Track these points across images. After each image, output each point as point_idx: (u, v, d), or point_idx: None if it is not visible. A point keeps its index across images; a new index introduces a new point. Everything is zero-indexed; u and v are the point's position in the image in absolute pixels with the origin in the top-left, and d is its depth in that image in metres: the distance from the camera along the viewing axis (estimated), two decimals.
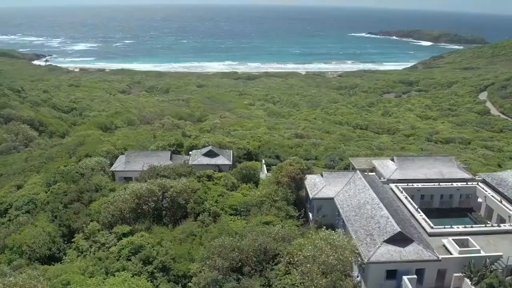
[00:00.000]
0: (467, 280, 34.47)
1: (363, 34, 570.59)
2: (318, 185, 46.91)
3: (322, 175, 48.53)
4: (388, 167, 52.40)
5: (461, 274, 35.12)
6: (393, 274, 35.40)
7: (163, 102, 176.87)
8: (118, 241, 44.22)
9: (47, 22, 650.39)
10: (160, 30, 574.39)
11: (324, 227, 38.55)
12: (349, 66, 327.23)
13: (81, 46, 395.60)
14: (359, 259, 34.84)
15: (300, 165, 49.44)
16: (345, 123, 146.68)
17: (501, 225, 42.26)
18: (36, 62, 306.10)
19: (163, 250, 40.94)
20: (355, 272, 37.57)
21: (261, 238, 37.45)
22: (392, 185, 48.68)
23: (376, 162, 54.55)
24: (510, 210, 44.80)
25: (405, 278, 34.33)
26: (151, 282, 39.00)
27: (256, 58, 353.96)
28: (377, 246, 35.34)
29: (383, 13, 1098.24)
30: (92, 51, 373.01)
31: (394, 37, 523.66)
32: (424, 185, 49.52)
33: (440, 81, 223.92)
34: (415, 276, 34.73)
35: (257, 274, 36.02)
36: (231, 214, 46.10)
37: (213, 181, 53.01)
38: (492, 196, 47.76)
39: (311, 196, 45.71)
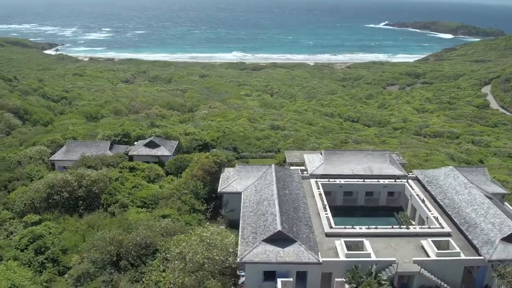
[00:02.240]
0: (347, 287, 32.23)
1: (380, 26, 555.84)
2: (230, 179, 45.07)
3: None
4: (315, 161, 49.84)
5: (343, 280, 32.89)
6: (272, 276, 33.50)
7: (161, 92, 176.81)
8: None
9: (66, 11, 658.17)
10: (174, 20, 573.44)
11: (213, 224, 36.84)
12: (360, 57, 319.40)
13: (93, 36, 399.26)
14: (231, 258, 33.06)
15: (217, 158, 47.58)
16: (337, 115, 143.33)
17: (410, 227, 39.48)
18: (47, 52, 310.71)
19: (57, 240, 40.25)
20: (243, 272, 35.83)
21: (143, 232, 36.13)
22: (312, 181, 46.26)
23: (306, 156, 52.01)
24: (429, 211, 41.88)
25: (279, 280, 32.36)
26: (39, 272, 38.42)
27: (268, 49, 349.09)
28: (254, 245, 33.45)
29: (405, 4, 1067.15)
30: (103, 40, 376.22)
31: (411, 29, 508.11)
32: (347, 181, 46.87)
33: (448, 73, 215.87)
34: (291, 279, 32.69)
35: (133, 269, 34.81)
36: (139, 206, 44.91)
37: (135, 172, 51.78)
38: (417, 195, 44.82)
39: (219, 189, 43.97)
